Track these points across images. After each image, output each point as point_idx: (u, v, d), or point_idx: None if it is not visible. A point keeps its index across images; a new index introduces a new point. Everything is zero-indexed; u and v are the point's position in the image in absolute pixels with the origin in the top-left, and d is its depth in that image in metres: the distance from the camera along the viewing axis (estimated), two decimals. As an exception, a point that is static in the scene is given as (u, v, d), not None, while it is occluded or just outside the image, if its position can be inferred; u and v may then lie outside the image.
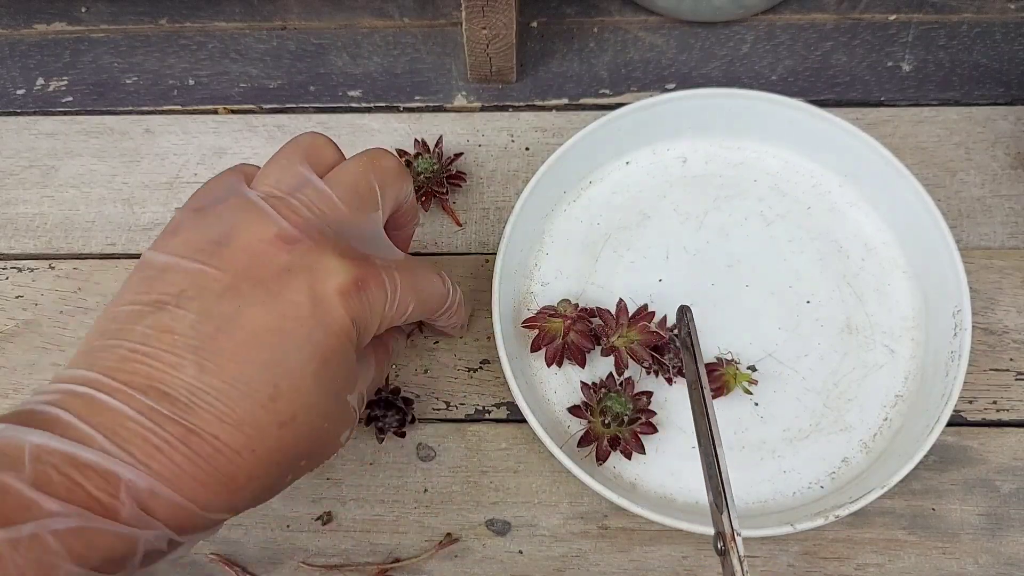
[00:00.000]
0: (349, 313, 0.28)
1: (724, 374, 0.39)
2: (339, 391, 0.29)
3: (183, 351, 0.26)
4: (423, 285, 0.33)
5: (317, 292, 0.28)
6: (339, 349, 0.28)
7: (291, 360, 0.27)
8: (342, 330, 0.28)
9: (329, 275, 0.28)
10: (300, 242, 0.28)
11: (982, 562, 0.37)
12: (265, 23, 0.49)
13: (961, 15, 0.48)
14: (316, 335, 0.27)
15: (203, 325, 0.26)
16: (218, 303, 0.27)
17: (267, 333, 0.27)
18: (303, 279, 0.28)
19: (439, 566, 0.38)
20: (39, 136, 0.47)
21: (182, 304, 0.27)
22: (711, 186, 0.44)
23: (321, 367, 0.28)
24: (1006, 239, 0.43)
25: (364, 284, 0.29)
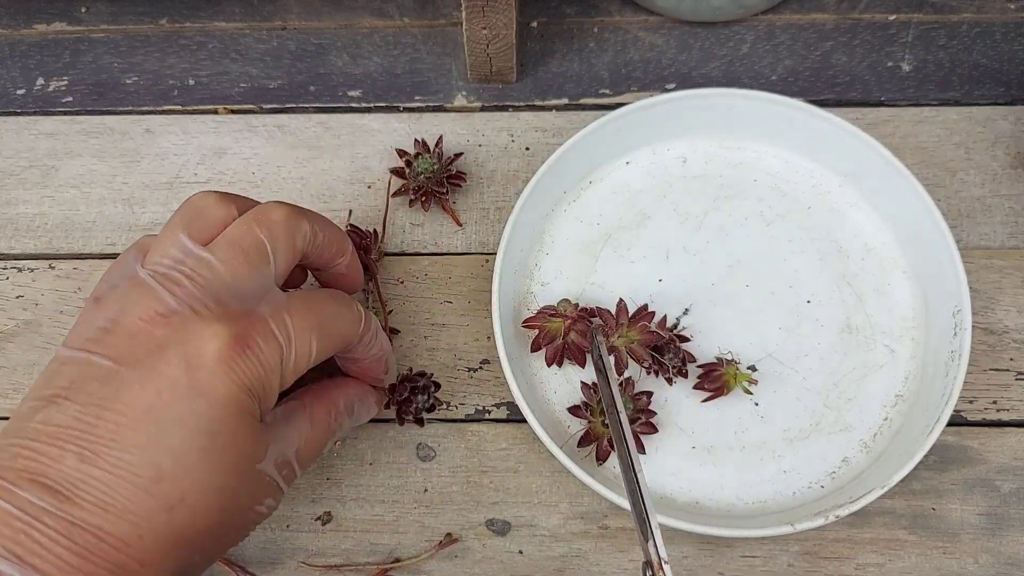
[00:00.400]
0: (234, 378, 0.27)
1: (724, 374, 0.39)
2: (239, 463, 0.28)
3: (64, 442, 0.26)
4: (326, 318, 0.31)
5: (193, 363, 0.27)
6: (228, 420, 0.27)
7: (172, 438, 0.26)
8: (228, 398, 0.27)
9: (204, 343, 0.27)
10: (176, 314, 0.28)
11: (982, 562, 0.37)
12: (265, 23, 0.49)
13: (961, 15, 0.48)
14: (197, 408, 0.27)
15: (84, 415, 0.26)
16: (100, 390, 0.26)
17: (144, 414, 0.26)
18: (177, 352, 0.27)
19: (439, 566, 0.38)
20: (39, 136, 0.47)
21: (70, 396, 0.26)
22: (711, 186, 0.44)
23: (209, 441, 0.27)
24: (1006, 239, 0.43)
25: (247, 341, 0.28)
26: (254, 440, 0.28)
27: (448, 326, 0.42)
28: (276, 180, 0.45)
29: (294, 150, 0.46)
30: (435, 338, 0.42)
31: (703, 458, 0.39)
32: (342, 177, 0.45)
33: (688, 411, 0.40)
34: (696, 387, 0.39)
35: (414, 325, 0.42)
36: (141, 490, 0.26)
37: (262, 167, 0.46)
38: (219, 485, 0.27)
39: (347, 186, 0.45)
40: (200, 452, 0.27)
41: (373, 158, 0.46)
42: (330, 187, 0.45)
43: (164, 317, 0.27)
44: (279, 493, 0.31)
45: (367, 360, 0.35)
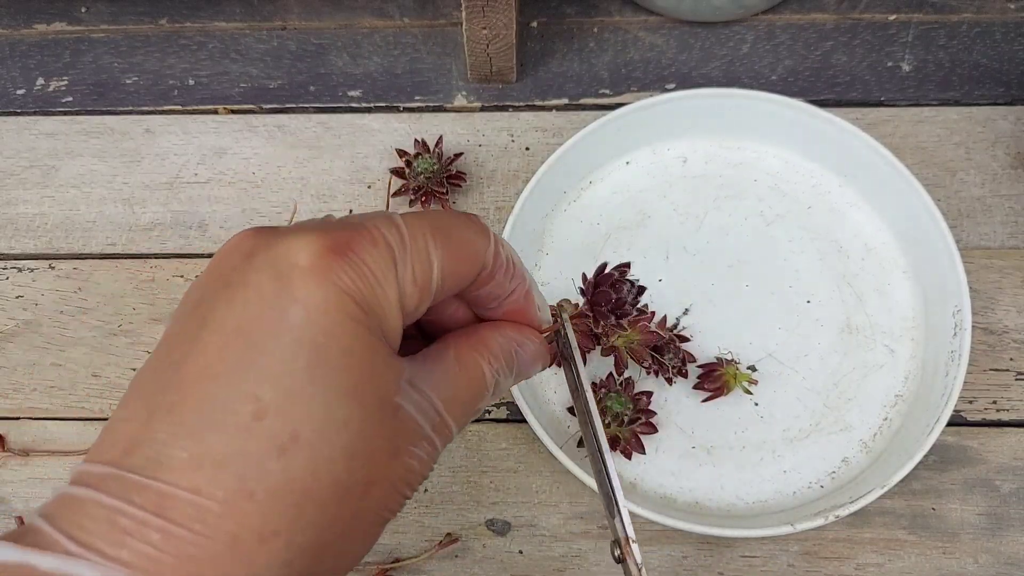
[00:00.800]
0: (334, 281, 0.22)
1: (724, 374, 0.39)
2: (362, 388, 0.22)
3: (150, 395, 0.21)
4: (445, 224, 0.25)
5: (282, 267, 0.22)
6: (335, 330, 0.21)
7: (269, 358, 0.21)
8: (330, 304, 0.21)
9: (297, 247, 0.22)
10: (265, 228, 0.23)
11: (982, 562, 0.37)
12: (265, 23, 0.49)
13: (961, 15, 0.48)
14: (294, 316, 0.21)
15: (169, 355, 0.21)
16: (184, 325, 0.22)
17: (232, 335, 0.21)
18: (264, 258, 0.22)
19: (439, 566, 0.38)
20: (39, 136, 0.47)
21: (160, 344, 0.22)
22: (711, 186, 0.44)
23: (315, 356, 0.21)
24: (1006, 239, 0.43)
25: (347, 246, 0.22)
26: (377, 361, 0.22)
27: (448, 326, 0.42)
28: (276, 180, 0.45)
29: (294, 150, 0.46)
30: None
31: (703, 458, 0.39)
32: (342, 177, 0.45)
33: (688, 411, 0.40)
34: (696, 387, 0.39)
35: (414, 325, 0.42)
36: (241, 430, 0.20)
37: (262, 167, 0.46)
38: (341, 417, 0.21)
39: (347, 186, 0.45)
40: (306, 372, 0.21)
41: (373, 158, 0.46)
42: (330, 187, 0.45)
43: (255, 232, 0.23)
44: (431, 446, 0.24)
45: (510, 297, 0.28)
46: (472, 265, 0.25)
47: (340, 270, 0.22)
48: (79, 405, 0.41)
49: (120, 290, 0.43)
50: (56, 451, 0.40)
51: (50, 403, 0.41)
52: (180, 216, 0.45)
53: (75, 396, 0.41)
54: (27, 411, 0.41)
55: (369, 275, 0.22)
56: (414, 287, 0.24)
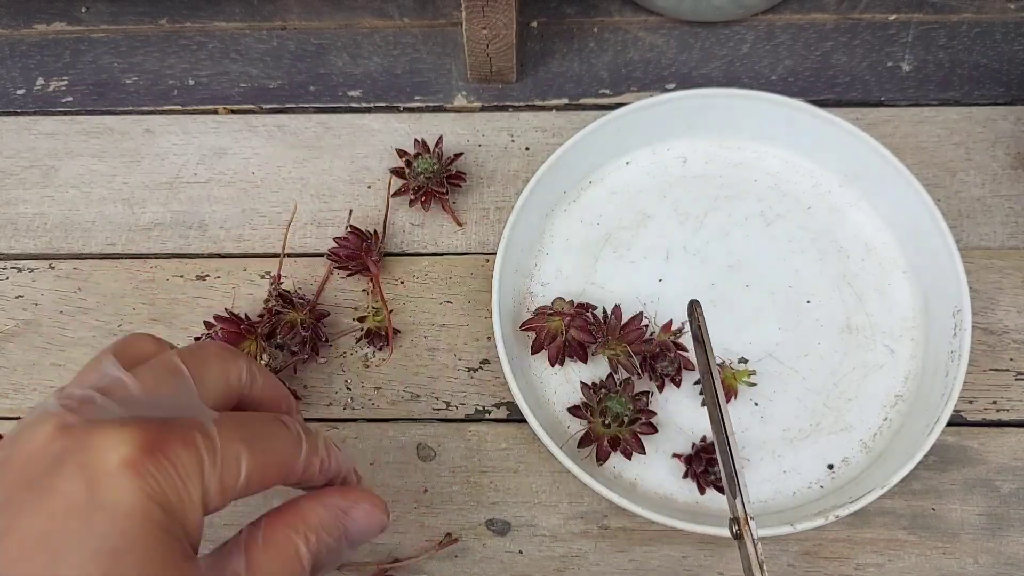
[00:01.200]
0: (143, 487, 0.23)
1: (724, 378, 0.39)
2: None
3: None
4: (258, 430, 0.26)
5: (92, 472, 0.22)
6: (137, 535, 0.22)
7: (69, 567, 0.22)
8: (134, 509, 0.22)
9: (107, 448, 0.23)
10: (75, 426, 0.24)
11: (982, 562, 0.37)
12: (265, 23, 0.49)
13: (961, 15, 0.48)
14: (98, 524, 0.22)
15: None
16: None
17: (37, 541, 0.22)
18: (75, 463, 0.23)
19: (439, 566, 0.38)
20: (39, 136, 0.47)
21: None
22: (711, 186, 0.44)
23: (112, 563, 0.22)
24: (1006, 239, 0.43)
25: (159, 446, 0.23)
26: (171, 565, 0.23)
27: (448, 326, 0.42)
28: (276, 180, 0.45)
29: (294, 150, 0.46)
30: (435, 338, 0.42)
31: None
32: (342, 177, 0.45)
33: (688, 411, 0.40)
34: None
35: (414, 325, 0.42)
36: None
37: (262, 167, 0.46)
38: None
39: (347, 186, 0.45)
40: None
41: (373, 158, 0.46)
42: (330, 187, 0.45)
43: (63, 431, 0.23)
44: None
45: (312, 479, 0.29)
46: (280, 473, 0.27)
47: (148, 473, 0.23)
48: (79, 405, 0.41)
49: (120, 290, 0.43)
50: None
51: (50, 403, 0.41)
52: (180, 216, 0.45)
53: (75, 396, 0.41)
54: (27, 411, 0.41)
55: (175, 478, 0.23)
56: (219, 489, 0.25)
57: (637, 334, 0.39)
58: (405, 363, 0.41)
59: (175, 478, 0.23)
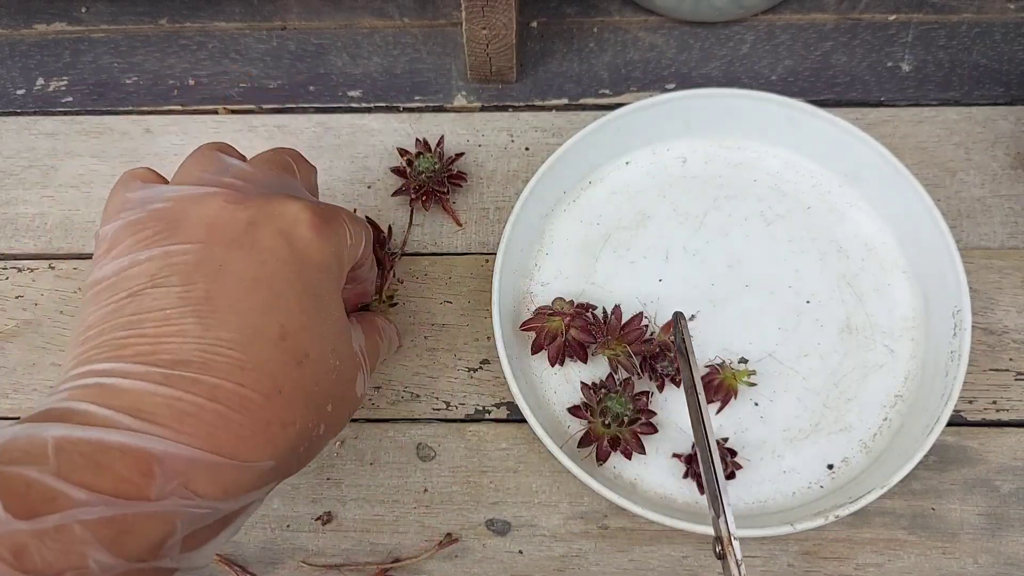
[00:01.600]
0: (327, 245, 0.29)
1: (724, 379, 0.39)
2: (341, 325, 0.29)
3: (180, 318, 0.25)
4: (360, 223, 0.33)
5: (289, 233, 0.28)
6: (328, 284, 0.29)
7: (288, 300, 0.27)
8: (324, 263, 0.28)
9: (295, 215, 0.28)
10: (250, 197, 0.28)
11: (982, 562, 0.37)
12: (265, 23, 0.49)
13: (961, 15, 0.48)
14: (304, 273, 0.28)
15: (191, 291, 0.26)
16: (197, 269, 0.26)
17: (256, 281, 0.27)
18: (271, 227, 0.28)
19: (439, 566, 0.38)
20: (39, 136, 0.47)
21: (160, 283, 0.26)
22: (711, 186, 0.44)
23: (317, 302, 0.28)
24: (1006, 239, 0.43)
25: (330, 219, 0.29)
26: (343, 312, 0.30)
27: (448, 326, 0.42)
28: (276, 180, 0.45)
29: (294, 150, 0.46)
30: (435, 338, 0.42)
31: (703, 458, 0.39)
32: (342, 177, 0.45)
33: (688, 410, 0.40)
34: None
35: (414, 325, 0.42)
36: (272, 346, 0.26)
37: (262, 167, 0.46)
38: (332, 344, 0.28)
39: (347, 186, 0.45)
40: (312, 312, 0.27)
41: (373, 158, 0.46)
42: (330, 187, 0.45)
43: (238, 203, 0.28)
44: (364, 379, 0.32)
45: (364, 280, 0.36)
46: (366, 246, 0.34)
47: (331, 234, 0.29)
48: (79, 405, 0.41)
49: (120, 290, 0.43)
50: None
51: (50, 403, 0.41)
52: (180, 216, 0.45)
53: (75, 396, 0.41)
54: (27, 411, 0.41)
55: (338, 240, 0.30)
56: (355, 252, 0.32)
57: (637, 334, 0.39)
58: (405, 363, 0.41)
59: (337, 242, 0.30)
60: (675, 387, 0.40)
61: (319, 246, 0.28)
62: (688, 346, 0.35)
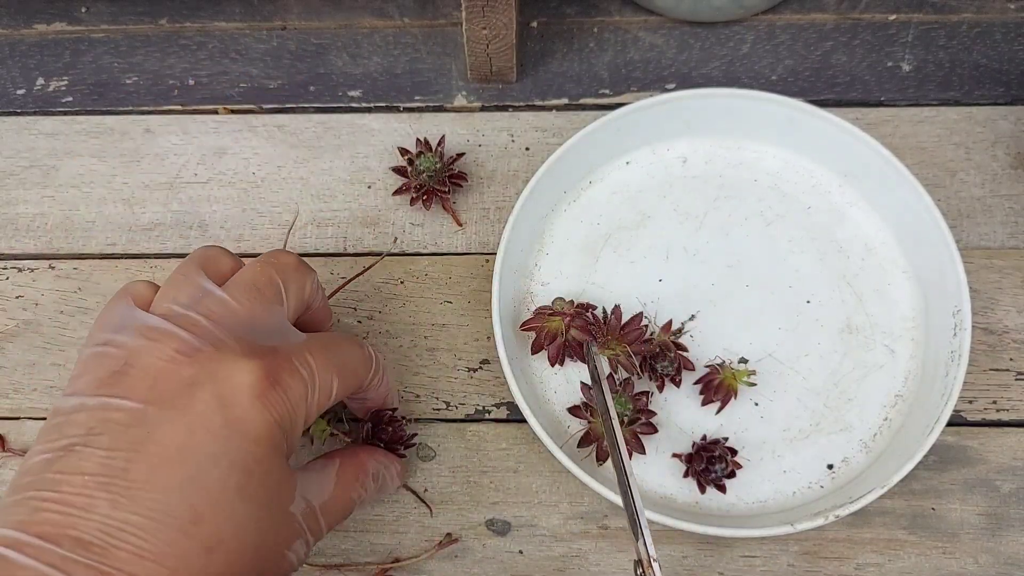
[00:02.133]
0: (268, 414, 0.27)
1: (724, 379, 0.39)
2: (272, 502, 0.27)
3: (94, 490, 0.24)
4: (343, 357, 0.31)
5: (227, 399, 0.26)
6: (263, 456, 0.27)
7: (209, 478, 0.25)
8: (263, 434, 0.27)
9: (237, 378, 0.27)
10: (201, 351, 0.27)
11: (982, 562, 0.37)
12: (265, 23, 0.49)
13: (961, 15, 0.48)
14: (233, 445, 0.26)
15: (112, 459, 0.25)
16: (125, 433, 0.25)
17: (179, 453, 0.25)
18: (209, 389, 0.26)
19: (439, 566, 0.38)
20: (39, 136, 0.47)
21: (90, 442, 0.25)
22: (711, 186, 0.44)
23: (245, 479, 0.26)
24: (1006, 239, 0.43)
25: (276, 377, 0.27)
26: (285, 479, 0.28)
27: (448, 326, 0.42)
28: (276, 180, 0.45)
29: (294, 150, 0.46)
30: (435, 338, 0.42)
31: (703, 458, 0.39)
32: (342, 177, 0.45)
33: (688, 411, 0.40)
34: (705, 402, 0.39)
35: (414, 325, 0.42)
36: (179, 533, 0.25)
37: (262, 167, 0.46)
38: (255, 525, 0.26)
39: (347, 186, 0.45)
40: (237, 491, 0.26)
41: (373, 158, 0.46)
42: (330, 187, 0.45)
43: (187, 356, 0.27)
44: (306, 544, 0.30)
45: (374, 399, 0.36)
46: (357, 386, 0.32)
47: (273, 397, 0.27)
48: (79, 405, 0.41)
49: (120, 290, 0.43)
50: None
51: (50, 403, 0.41)
52: (180, 216, 0.45)
53: (75, 396, 0.41)
54: (27, 411, 0.41)
55: (289, 403, 0.28)
56: (315, 411, 0.29)
57: (637, 334, 0.39)
58: (405, 363, 0.41)
59: (289, 404, 0.28)
60: (675, 387, 0.40)
61: (258, 416, 0.26)
62: (600, 375, 0.35)
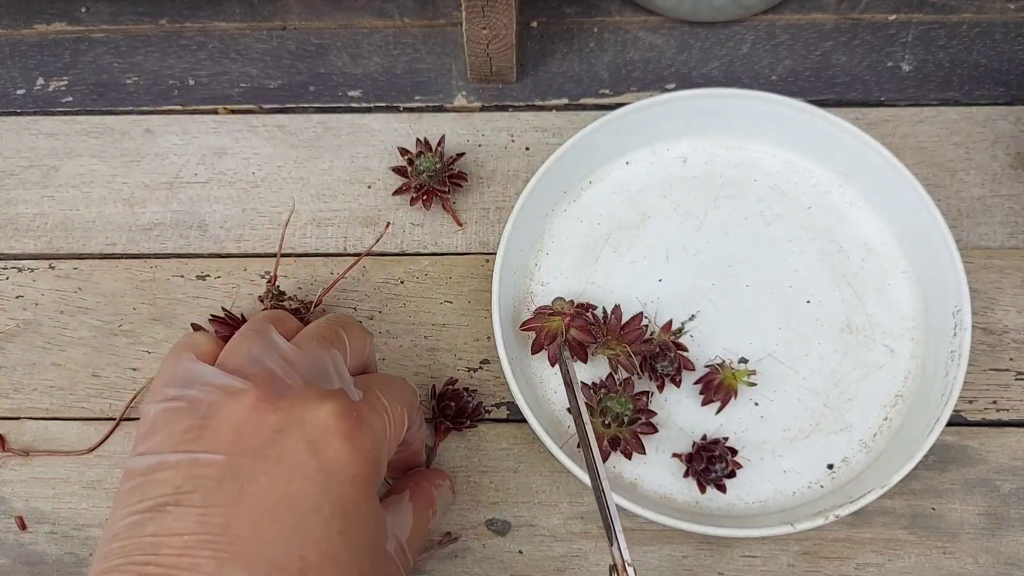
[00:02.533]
0: (359, 453, 0.26)
1: (724, 379, 0.39)
2: (372, 544, 0.27)
3: (196, 550, 0.24)
4: (400, 391, 0.31)
5: (317, 442, 0.26)
6: (359, 499, 0.26)
7: (312, 526, 0.25)
8: (358, 476, 0.26)
9: (324, 421, 0.26)
10: (283, 398, 0.27)
11: (982, 562, 0.37)
12: (265, 23, 0.49)
13: (961, 15, 0.48)
14: (331, 489, 0.26)
15: (210, 516, 0.24)
16: (219, 488, 0.25)
17: (279, 504, 0.25)
18: (298, 435, 0.26)
19: (439, 566, 0.38)
20: (39, 136, 0.47)
21: (182, 501, 0.25)
22: (711, 186, 0.44)
23: (345, 523, 0.26)
24: (1006, 239, 0.43)
25: (358, 414, 0.27)
26: (380, 518, 0.28)
27: (448, 326, 0.42)
28: (276, 180, 0.45)
29: (294, 150, 0.46)
30: (435, 338, 0.42)
31: (703, 458, 0.39)
32: (342, 177, 0.45)
33: (688, 411, 0.40)
34: (705, 403, 0.39)
35: (414, 325, 0.42)
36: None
37: (262, 167, 0.46)
38: (359, 568, 0.26)
39: (347, 186, 0.45)
40: (340, 537, 0.25)
41: (373, 158, 0.46)
42: (330, 187, 0.45)
43: (270, 403, 0.26)
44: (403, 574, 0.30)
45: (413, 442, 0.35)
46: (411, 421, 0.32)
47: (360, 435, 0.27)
48: (79, 405, 0.41)
49: (120, 290, 0.43)
50: (56, 451, 0.40)
51: (50, 403, 0.41)
52: (180, 216, 0.45)
53: (75, 396, 0.41)
54: (27, 411, 0.41)
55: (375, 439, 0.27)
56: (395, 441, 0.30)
57: (637, 334, 0.39)
58: (405, 363, 0.41)
59: (374, 440, 0.27)
60: (675, 387, 0.40)
61: (351, 457, 0.26)
62: (573, 379, 0.35)
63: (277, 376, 0.28)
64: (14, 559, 0.38)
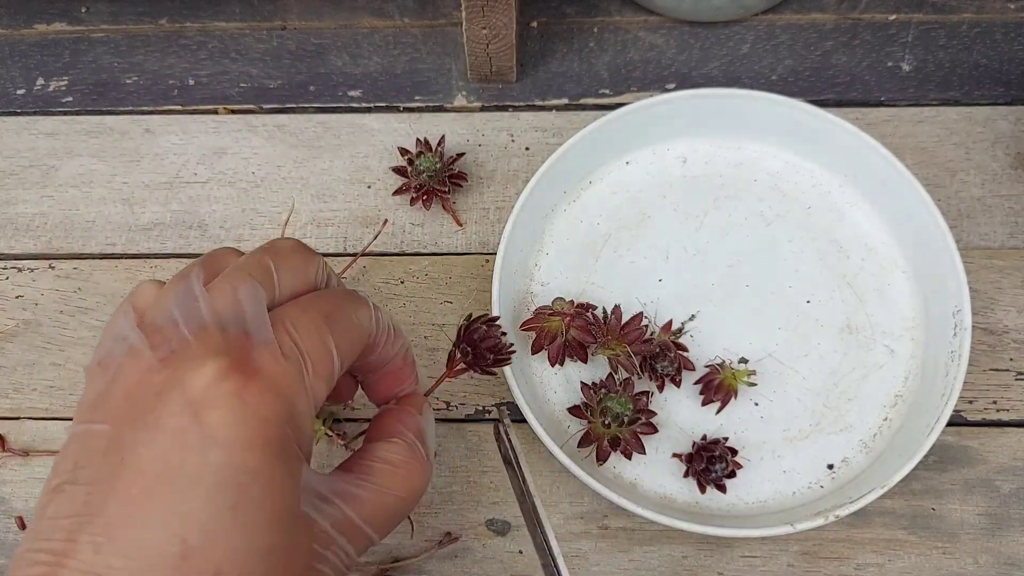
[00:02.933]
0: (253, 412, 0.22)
1: (724, 379, 0.39)
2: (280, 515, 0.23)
3: (75, 534, 0.21)
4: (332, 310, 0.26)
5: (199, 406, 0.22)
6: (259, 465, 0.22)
7: (193, 502, 0.22)
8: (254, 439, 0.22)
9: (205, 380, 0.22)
10: (173, 354, 0.23)
11: (982, 562, 0.37)
12: (265, 23, 0.49)
13: (961, 15, 0.48)
14: (214, 459, 0.22)
15: (92, 496, 0.22)
16: (105, 462, 0.22)
17: (157, 479, 0.22)
18: (178, 398, 0.22)
19: (439, 566, 0.38)
20: (39, 136, 0.47)
21: (77, 478, 0.22)
22: (711, 186, 0.44)
23: (238, 497, 0.22)
24: (1006, 239, 0.43)
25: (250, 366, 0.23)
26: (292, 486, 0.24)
27: (448, 326, 0.42)
28: (276, 180, 0.45)
29: (294, 150, 0.46)
30: (435, 338, 0.42)
31: (703, 458, 0.39)
32: (342, 177, 0.45)
33: (688, 411, 0.40)
34: (705, 403, 0.39)
35: (414, 325, 0.42)
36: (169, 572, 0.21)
37: (262, 167, 0.46)
38: (261, 547, 0.22)
39: (347, 186, 0.45)
40: (229, 512, 0.22)
41: (373, 158, 0.46)
42: (330, 187, 0.45)
43: (159, 362, 0.23)
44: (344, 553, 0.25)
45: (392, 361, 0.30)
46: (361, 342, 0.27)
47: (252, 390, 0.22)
48: (79, 405, 0.41)
49: (120, 290, 0.43)
50: (56, 451, 0.40)
51: (50, 403, 0.41)
52: (180, 216, 0.45)
53: (75, 396, 0.41)
54: (27, 411, 0.41)
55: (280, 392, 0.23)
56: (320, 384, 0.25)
57: (637, 334, 0.39)
58: (405, 363, 0.41)
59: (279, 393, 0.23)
60: (675, 387, 0.40)
61: (240, 417, 0.22)
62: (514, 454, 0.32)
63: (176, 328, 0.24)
64: (14, 559, 0.38)
